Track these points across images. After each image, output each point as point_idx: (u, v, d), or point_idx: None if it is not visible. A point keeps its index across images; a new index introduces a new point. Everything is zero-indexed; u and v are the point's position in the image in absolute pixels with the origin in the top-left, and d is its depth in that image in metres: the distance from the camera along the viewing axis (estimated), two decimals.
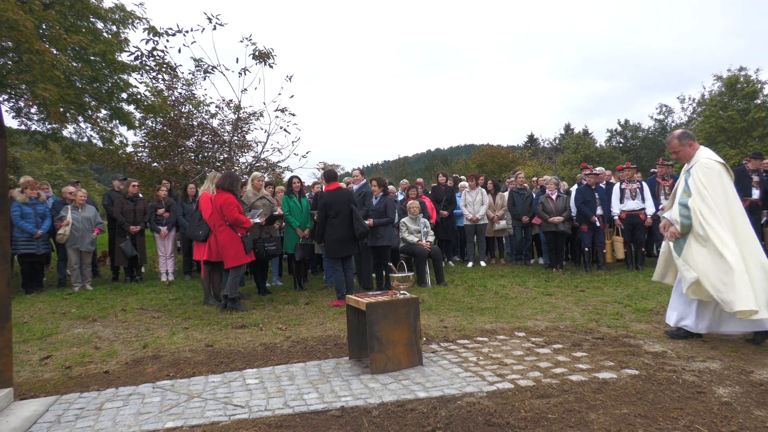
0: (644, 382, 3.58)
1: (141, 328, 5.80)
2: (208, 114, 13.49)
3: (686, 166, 4.64)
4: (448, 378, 3.75)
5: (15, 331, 5.62)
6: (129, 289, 8.45)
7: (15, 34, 9.47)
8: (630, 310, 6.00)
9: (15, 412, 3.38)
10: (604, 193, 9.50)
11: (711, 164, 4.44)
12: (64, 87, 10.48)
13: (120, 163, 13.52)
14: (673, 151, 4.71)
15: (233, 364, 4.33)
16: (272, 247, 7.43)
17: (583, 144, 40.78)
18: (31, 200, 8.50)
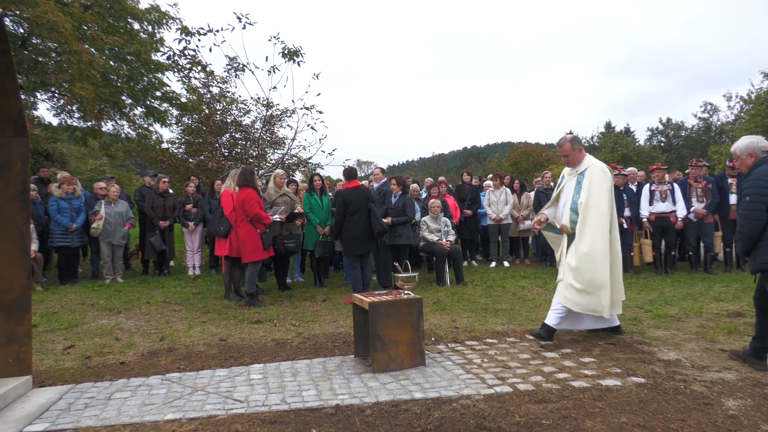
0: (649, 390, 3.49)
1: (161, 320, 6.00)
2: (240, 111, 13.77)
3: (573, 170, 4.75)
4: (448, 379, 3.74)
5: (45, 321, 5.92)
6: (156, 282, 8.74)
7: (55, 35, 9.92)
8: (650, 315, 5.83)
9: (31, 398, 3.57)
10: (633, 195, 9.24)
11: (607, 169, 4.67)
12: (101, 86, 10.90)
13: (156, 159, 13.96)
14: (563, 154, 4.74)
15: (242, 359, 4.44)
16: (291, 244, 7.54)
17: (621, 143, 39.63)
18: (67, 195, 8.87)
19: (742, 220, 3.79)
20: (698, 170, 9.23)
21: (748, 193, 3.75)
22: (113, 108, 12.78)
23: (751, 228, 3.72)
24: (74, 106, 12.57)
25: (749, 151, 3.93)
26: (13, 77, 3.78)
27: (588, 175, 4.59)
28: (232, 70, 12.93)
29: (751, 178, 3.80)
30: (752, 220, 3.71)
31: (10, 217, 3.94)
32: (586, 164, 4.70)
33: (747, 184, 3.80)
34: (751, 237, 3.75)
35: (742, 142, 3.99)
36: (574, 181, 4.68)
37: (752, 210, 3.71)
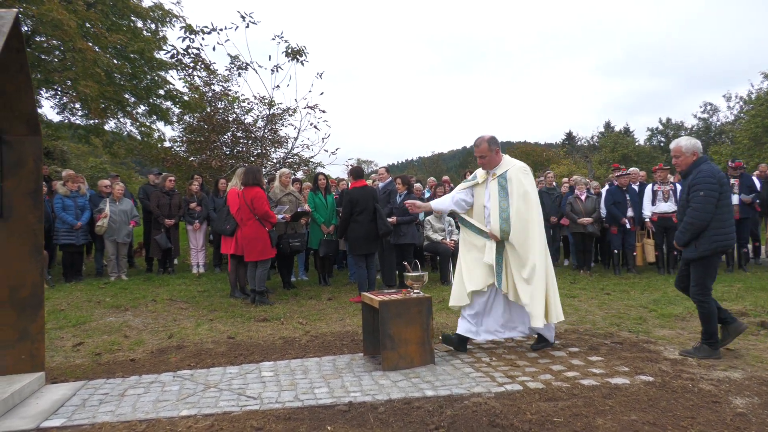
0: (658, 389, 3.53)
1: (169, 318, 6.03)
2: (242, 110, 13.78)
3: (491, 172, 4.48)
4: (458, 377, 3.78)
5: (52, 318, 5.94)
6: (161, 280, 8.76)
7: (60, 33, 9.93)
8: (654, 315, 5.88)
9: (45, 395, 3.60)
10: (636, 195, 9.29)
11: (528, 170, 4.52)
12: (104, 84, 10.91)
13: (158, 158, 13.97)
14: (480, 155, 4.48)
15: (252, 357, 4.47)
16: (297, 243, 7.57)
17: (622, 143, 39.70)
18: (72, 193, 8.90)
19: (695, 212, 4.09)
20: None
21: (701, 188, 4.07)
22: (117, 106, 12.78)
23: (702, 220, 4.08)
24: (78, 103, 12.58)
25: (694, 150, 4.26)
26: (27, 76, 3.81)
27: (513, 179, 4.35)
28: (234, 69, 12.96)
29: (702, 175, 4.12)
30: (705, 213, 4.07)
31: (23, 215, 3.97)
32: (505, 166, 4.44)
33: (698, 180, 4.11)
34: (699, 228, 4.11)
35: (688, 142, 4.29)
36: (495, 184, 4.41)
37: (706, 203, 4.06)
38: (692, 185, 4.13)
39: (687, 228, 4.15)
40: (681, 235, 4.24)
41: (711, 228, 4.09)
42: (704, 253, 4.13)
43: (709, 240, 4.10)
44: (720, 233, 4.11)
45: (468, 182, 4.70)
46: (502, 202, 4.35)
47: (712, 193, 4.05)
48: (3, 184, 3.93)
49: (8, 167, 3.97)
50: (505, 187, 4.37)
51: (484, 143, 4.43)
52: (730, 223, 4.20)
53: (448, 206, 4.75)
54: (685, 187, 4.28)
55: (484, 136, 4.47)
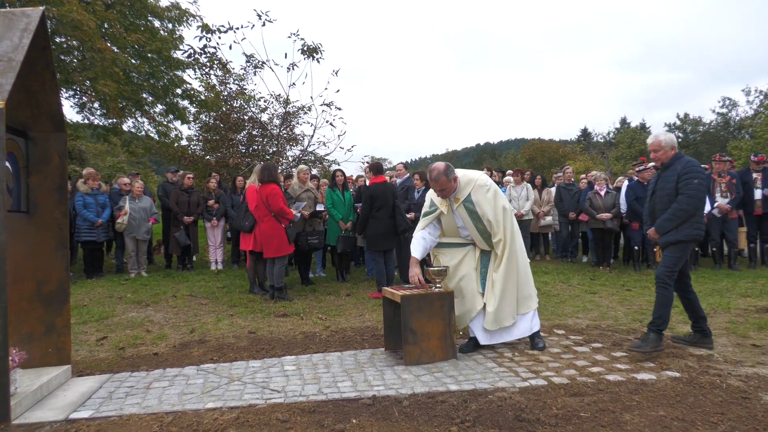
0: (685, 384, 3.47)
1: (189, 313, 6.08)
2: (257, 108, 13.86)
3: (451, 197, 4.29)
4: (481, 372, 3.76)
5: (76, 313, 6.01)
6: (181, 276, 8.84)
7: (79, 33, 10.04)
8: (678, 311, 5.76)
9: (72, 387, 3.65)
10: None
11: (485, 180, 4.34)
12: (123, 83, 11.02)
13: (175, 156, 14.10)
14: (440, 188, 4.22)
15: (273, 351, 4.49)
16: (315, 240, 7.59)
17: (639, 139, 39.16)
18: (93, 191, 9.01)
19: (690, 199, 4.11)
20: (722, 165, 9.12)
21: (695, 176, 4.13)
22: (135, 105, 12.90)
23: (696, 207, 4.14)
24: (96, 103, 12.72)
25: (672, 145, 4.34)
26: (53, 74, 3.86)
27: (481, 202, 4.21)
28: (250, 67, 13.03)
29: (692, 165, 4.19)
30: (699, 200, 4.15)
31: (49, 210, 4.02)
32: (465, 188, 4.25)
33: (690, 168, 4.16)
34: (690, 215, 4.15)
35: (666, 137, 4.36)
36: (462, 210, 4.25)
37: (699, 191, 4.14)
38: (683, 174, 4.17)
39: (678, 215, 4.15)
40: (667, 222, 4.21)
41: (696, 214, 4.19)
42: (686, 237, 4.17)
43: (692, 226, 4.17)
44: (700, 221, 4.22)
45: (429, 213, 4.43)
46: (477, 224, 4.24)
47: (704, 182, 4.17)
48: (29, 181, 3.99)
49: (33, 164, 4.02)
50: (474, 211, 4.22)
51: (442, 177, 4.14)
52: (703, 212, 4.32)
53: (428, 246, 4.46)
54: (668, 179, 4.28)
55: (438, 168, 4.17)
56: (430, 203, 4.46)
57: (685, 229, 4.16)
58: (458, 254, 4.40)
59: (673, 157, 4.32)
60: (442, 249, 4.50)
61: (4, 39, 3.44)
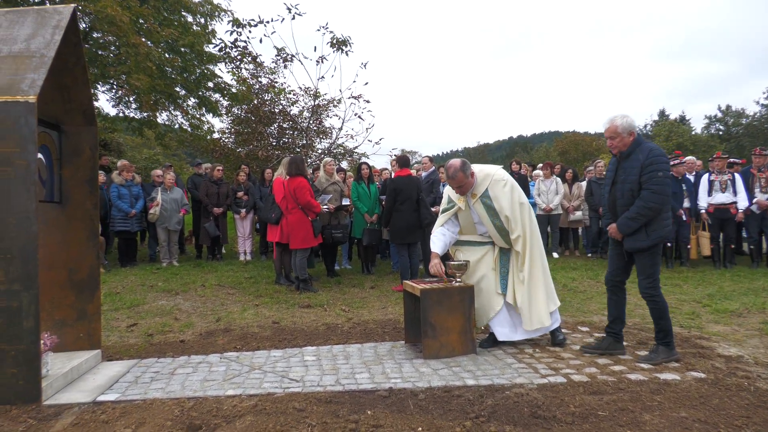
0: (710, 386, 3.38)
1: (216, 303, 6.22)
2: (288, 101, 14.00)
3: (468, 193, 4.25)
4: (500, 368, 3.74)
5: (109, 300, 6.24)
6: (210, 266, 9.05)
7: (114, 28, 10.33)
8: (709, 310, 5.62)
9: (101, 371, 3.79)
10: (691, 185, 8.88)
11: (501, 174, 4.27)
12: (156, 77, 11.28)
13: (207, 149, 14.39)
14: (457, 186, 4.20)
15: (295, 341, 4.56)
16: (339, 234, 7.65)
17: (677, 131, 37.96)
18: (127, 182, 9.29)
19: (655, 195, 3.69)
20: (763, 159, 8.75)
21: (659, 168, 3.69)
22: (168, 99, 13.22)
23: (662, 204, 3.71)
24: (131, 97, 13.08)
25: (630, 130, 3.86)
26: (84, 69, 3.99)
27: (499, 197, 4.17)
28: (280, 60, 13.15)
29: (655, 154, 3.75)
30: (665, 196, 3.71)
31: (81, 201, 4.17)
32: (483, 184, 4.22)
33: (654, 160, 3.72)
34: (656, 213, 3.73)
35: (624, 121, 3.86)
36: (480, 206, 4.21)
37: (664, 185, 3.70)
38: (646, 165, 3.72)
39: (643, 212, 3.72)
40: (631, 221, 3.78)
41: (663, 212, 3.78)
42: (657, 240, 3.78)
43: (660, 225, 3.77)
44: (667, 219, 3.80)
45: (447, 209, 4.42)
46: (495, 221, 4.19)
47: (669, 173, 3.75)
48: (61, 172, 4.14)
49: (66, 156, 4.18)
50: (492, 206, 4.18)
51: (459, 173, 4.12)
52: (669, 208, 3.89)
53: (447, 242, 4.44)
54: (629, 171, 3.83)
55: (455, 166, 4.14)
56: (448, 199, 4.45)
57: (655, 231, 3.77)
58: (477, 253, 4.37)
59: (632, 143, 3.84)
60: (461, 247, 4.48)
61: (36, 36, 3.57)
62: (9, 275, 3.15)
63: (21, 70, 3.37)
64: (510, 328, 4.30)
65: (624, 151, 3.89)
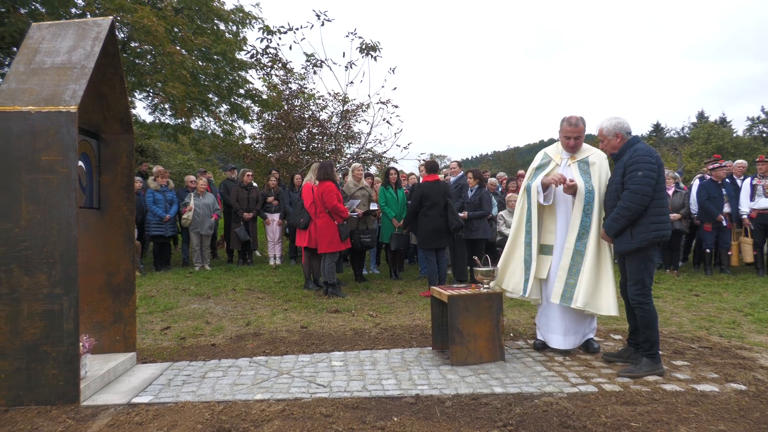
0: (751, 399, 3.25)
1: (246, 307, 6.32)
2: (317, 107, 14.15)
3: (566, 156, 4.29)
4: (529, 376, 3.68)
5: (144, 304, 6.40)
6: (241, 270, 9.20)
7: (150, 38, 10.62)
8: (750, 319, 5.42)
9: (136, 373, 3.89)
10: (732, 189, 8.58)
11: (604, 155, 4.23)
12: (190, 85, 11.56)
13: (239, 154, 14.66)
14: (575, 136, 4.21)
15: (323, 346, 4.59)
16: (367, 239, 7.68)
17: (717, 134, 36.71)
18: (162, 187, 9.53)
19: (633, 195, 3.66)
20: None
21: (640, 167, 3.68)
22: (201, 105, 13.52)
23: (641, 204, 3.66)
24: (167, 104, 13.44)
25: (616, 132, 3.90)
26: (121, 78, 4.12)
27: (598, 161, 4.18)
28: (310, 66, 13.31)
29: (639, 154, 3.74)
30: (644, 195, 3.66)
31: (118, 207, 4.30)
32: (585, 151, 4.27)
33: (636, 159, 3.72)
34: (636, 213, 3.69)
35: (609, 123, 3.92)
36: (576, 168, 4.21)
37: (645, 185, 3.66)
38: (628, 165, 3.73)
39: (622, 213, 3.70)
40: (613, 222, 3.78)
41: (650, 214, 3.69)
42: (642, 244, 3.70)
43: (647, 228, 3.68)
44: (659, 220, 3.70)
45: (542, 166, 4.39)
46: (587, 184, 4.10)
47: (652, 173, 3.65)
48: (100, 179, 4.28)
49: (104, 163, 4.32)
50: (588, 172, 4.15)
51: (581, 123, 4.21)
52: (668, 211, 3.83)
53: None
54: (617, 172, 3.85)
55: (578, 117, 4.23)
56: (543, 155, 4.47)
57: (640, 234, 3.70)
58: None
59: (624, 145, 3.87)
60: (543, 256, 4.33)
61: (77, 48, 3.71)
62: (51, 279, 3.28)
63: (63, 81, 3.51)
64: (563, 336, 4.25)
65: (615, 153, 3.95)
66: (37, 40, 3.73)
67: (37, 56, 3.64)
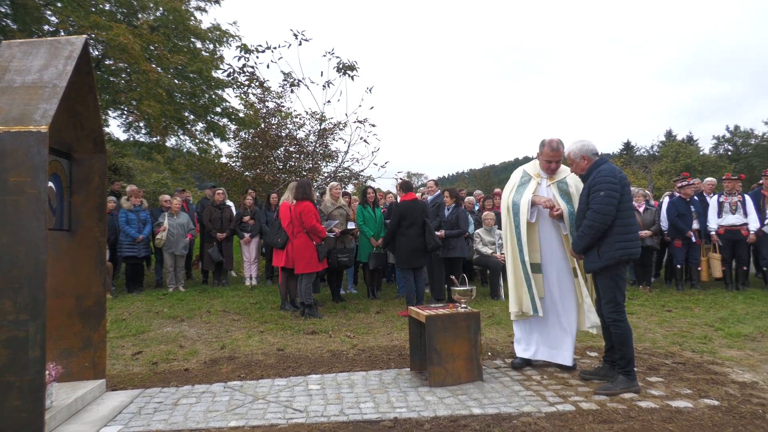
0: (724, 414, 3.31)
1: (221, 329, 6.20)
2: (294, 126, 14.14)
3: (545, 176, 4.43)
4: (507, 395, 3.68)
5: (115, 327, 6.23)
6: (216, 291, 9.04)
7: (126, 56, 10.53)
8: (721, 334, 5.53)
9: (105, 401, 3.76)
10: (700, 207, 8.82)
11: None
12: (166, 103, 11.46)
13: (215, 173, 14.52)
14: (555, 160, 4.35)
15: (300, 369, 4.52)
16: (345, 258, 7.65)
17: (684, 152, 37.85)
18: (135, 207, 9.36)
19: (596, 215, 3.77)
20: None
21: (602, 188, 3.79)
22: (177, 124, 13.40)
23: (603, 223, 3.76)
24: (141, 122, 13.28)
25: (582, 154, 4.01)
26: (95, 97, 4.06)
27: (575, 183, 4.31)
28: (287, 85, 13.34)
29: (601, 175, 3.85)
30: (606, 215, 3.75)
31: (89, 228, 4.19)
32: (562, 173, 4.41)
33: (598, 179, 3.84)
34: (599, 232, 3.79)
35: (575, 146, 4.05)
36: (555, 188, 4.34)
37: (607, 204, 3.75)
38: (592, 186, 3.86)
39: (587, 232, 3.81)
40: (579, 240, 3.90)
41: (615, 233, 3.79)
42: (609, 262, 3.78)
43: (612, 247, 3.78)
44: (625, 239, 3.79)
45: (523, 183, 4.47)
46: (568, 205, 4.24)
47: (614, 193, 3.75)
48: (71, 200, 4.18)
49: (76, 183, 4.22)
50: (567, 191, 4.30)
51: (562, 147, 4.29)
52: (635, 228, 3.91)
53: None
54: (584, 192, 3.99)
55: (558, 140, 4.33)
56: (522, 173, 4.56)
57: (606, 252, 3.79)
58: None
59: (591, 166, 3.98)
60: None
61: (49, 66, 3.64)
62: (17, 305, 3.16)
63: (34, 100, 3.43)
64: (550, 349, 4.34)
65: (583, 175, 4.07)
66: (7, 58, 3.65)
67: (6, 75, 3.57)
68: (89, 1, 11.41)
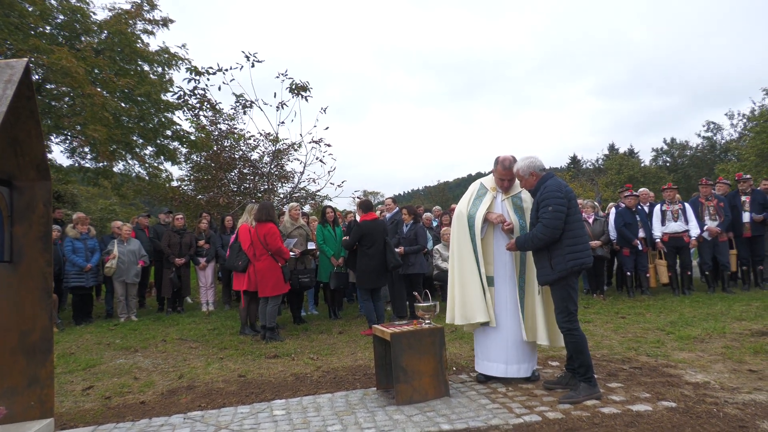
0: (682, 415, 3.42)
1: (179, 358, 5.97)
2: (248, 147, 13.96)
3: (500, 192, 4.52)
4: (474, 409, 3.69)
5: (62, 362, 5.90)
6: (171, 319, 8.72)
7: (69, 80, 10.18)
8: (672, 337, 5.75)
9: None
10: (645, 215, 9.22)
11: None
12: (113, 127, 11.12)
13: (166, 197, 14.11)
14: (509, 179, 4.44)
15: (263, 395, 4.40)
16: (306, 279, 7.56)
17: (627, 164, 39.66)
18: (82, 235, 8.95)
19: (545, 229, 3.90)
20: (709, 189, 9.23)
21: (550, 203, 3.92)
22: (125, 148, 13.00)
23: (551, 236, 3.90)
24: (87, 147, 12.81)
25: (530, 171, 4.15)
26: (37, 122, 3.88)
27: (528, 198, 4.41)
28: (240, 107, 13.19)
29: (548, 190, 3.99)
30: (555, 229, 3.89)
31: (34, 259, 3.97)
32: (516, 188, 4.50)
33: (546, 195, 3.97)
34: (546, 243, 3.93)
35: (523, 163, 4.18)
36: (509, 203, 4.44)
37: (556, 219, 3.89)
38: (540, 201, 4.00)
39: (534, 241, 3.95)
40: (524, 243, 4.06)
41: (565, 245, 3.92)
42: (562, 273, 3.91)
43: (563, 259, 3.90)
44: (575, 250, 3.92)
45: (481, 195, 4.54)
46: (520, 220, 4.35)
47: (561, 207, 3.89)
48: (12, 230, 3.96)
49: (18, 212, 4.00)
50: (521, 207, 4.41)
51: (514, 166, 4.32)
52: (585, 239, 4.05)
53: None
54: (535, 204, 4.15)
55: (510, 159, 4.38)
56: (480, 186, 4.61)
57: (558, 264, 3.91)
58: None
59: (538, 182, 4.11)
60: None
61: None
62: None
63: None
64: (505, 365, 4.33)
65: (532, 190, 4.21)
66: None
67: None
68: (28, 23, 11.00)
